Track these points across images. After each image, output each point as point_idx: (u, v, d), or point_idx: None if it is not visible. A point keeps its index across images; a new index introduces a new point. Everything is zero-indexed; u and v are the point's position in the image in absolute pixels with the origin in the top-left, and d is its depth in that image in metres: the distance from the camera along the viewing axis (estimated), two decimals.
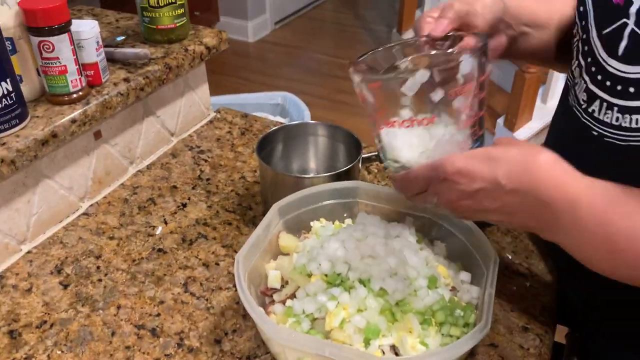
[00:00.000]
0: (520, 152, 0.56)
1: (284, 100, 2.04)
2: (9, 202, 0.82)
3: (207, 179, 1.02)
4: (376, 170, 1.05)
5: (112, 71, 0.95)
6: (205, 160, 1.07)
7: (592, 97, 0.65)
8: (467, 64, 0.56)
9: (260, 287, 0.73)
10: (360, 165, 0.90)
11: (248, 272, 0.69)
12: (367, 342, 0.61)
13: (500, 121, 2.76)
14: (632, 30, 0.59)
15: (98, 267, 0.83)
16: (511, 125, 2.68)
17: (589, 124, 0.65)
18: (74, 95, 0.86)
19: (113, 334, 0.73)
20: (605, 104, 0.63)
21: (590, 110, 0.65)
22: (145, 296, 0.78)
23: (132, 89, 0.93)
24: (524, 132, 2.66)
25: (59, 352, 0.70)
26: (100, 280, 0.81)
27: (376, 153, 0.93)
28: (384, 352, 0.61)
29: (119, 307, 0.77)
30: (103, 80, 0.91)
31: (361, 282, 0.65)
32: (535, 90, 2.60)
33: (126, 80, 0.93)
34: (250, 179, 1.02)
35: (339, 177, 0.84)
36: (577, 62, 0.70)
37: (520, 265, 0.84)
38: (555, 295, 0.80)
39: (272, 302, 0.71)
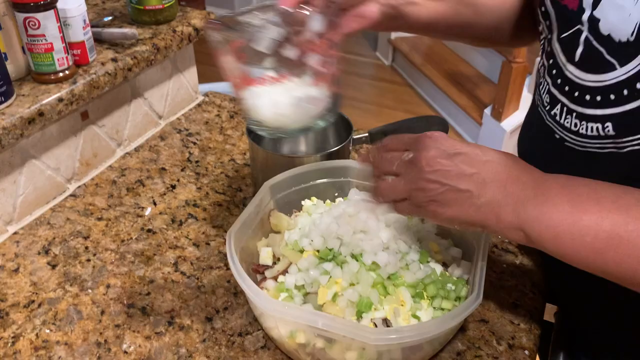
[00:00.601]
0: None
1: None
2: None
3: (196, 161, 1.01)
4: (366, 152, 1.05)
5: (100, 51, 0.94)
6: (194, 143, 1.06)
7: (554, 100, 0.65)
8: (315, 22, 0.57)
9: (252, 264, 0.72)
10: (350, 146, 0.90)
11: (240, 249, 0.68)
12: (359, 315, 0.61)
13: (487, 111, 2.78)
14: (587, 38, 0.59)
15: (86, 248, 0.82)
16: (498, 116, 2.69)
17: (552, 126, 0.65)
18: (61, 74, 0.84)
19: (102, 312, 0.72)
20: (565, 109, 0.63)
21: (552, 113, 0.65)
22: (134, 275, 0.78)
23: (119, 69, 0.92)
24: (511, 121, 2.68)
25: (48, 331, 0.69)
26: (88, 260, 0.80)
27: (367, 135, 0.93)
28: (376, 325, 0.61)
29: (108, 287, 0.76)
30: (90, 60, 0.90)
31: (353, 256, 0.65)
32: (522, 80, 2.61)
33: (114, 60, 0.92)
34: (239, 161, 1.02)
35: (329, 157, 0.84)
36: (541, 61, 0.70)
37: (509, 244, 0.85)
38: (545, 272, 0.81)
39: (264, 279, 0.70)
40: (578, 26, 0.60)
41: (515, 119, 2.67)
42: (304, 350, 0.62)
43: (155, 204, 0.91)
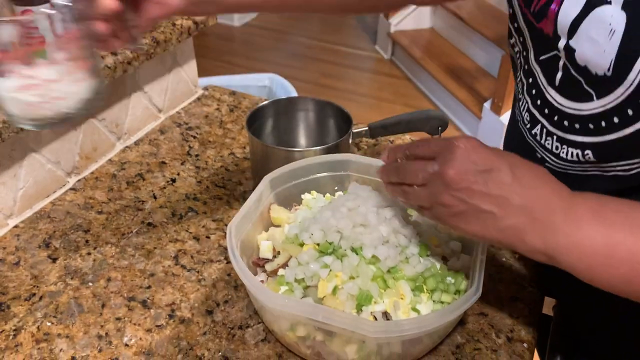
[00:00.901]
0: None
1: (271, 82, 2.03)
2: None
3: (196, 155, 1.01)
4: (366, 147, 1.05)
5: None
6: (194, 137, 1.06)
7: (534, 120, 0.63)
8: (42, 23, 0.57)
9: (252, 258, 0.73)
10: (350, 140, 0.90)
11: (240, 243, 0.69)
12: (359, 309, 0.62)
13: (487, 105, 2.78)
14: (565, 64, 0.57)
15: (87, 241, 0.82)
16: (497, 109, 2.69)
17: (533, 145, 0.64)
18: None
19: (103, 305, 0.73)
20: (545, 130, 0.61)
21: (533, 132, 0.63)
22: (135, 269, 0.78)
23: (119, 62, 0.92)
24: None
25: (49, 324, 0.70)
26: (89, 253, 0.80)
27: (366, 128, 0.93)
28: (376, 318, 0.61)
29: (108, 280, 0.76)
30: None
31: (353, 250, 0.66)
32: None
33: (113, 53, 0.92)
34: (239, 155, 1.02)
35: (329, 150, 0.84)
36: (519, 76, 0.68)
37: None
38: (543, 267, 0.81)
39: (265, 272, 0.70)
40: (555, 52, 0.58)
41: None
42: (304, 343, 0.63)
43: (155, 197, 0.91)
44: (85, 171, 0.96)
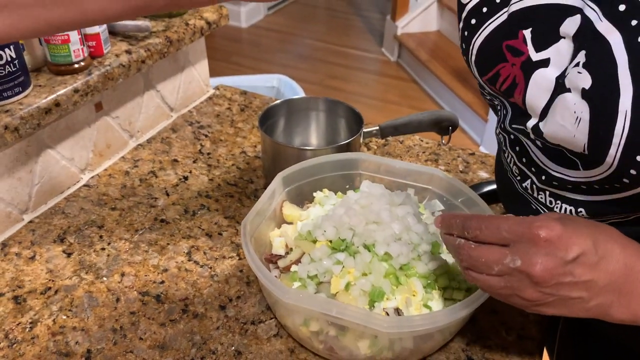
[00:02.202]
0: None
1: (279, 83, 2.04)
2: (12, 170, 0.82)
3: (208, 153, 1.02)
4: (375, 147, 1.06)
5: (114, 43, 0.95)
6: (206, 136, 1.07)
7: (523, 175, 0.62)
8: None
9: (264, 254, 0.73)
10: (361, 139, 0.91)
11: (253, 239, 0.69)
12: (371, 305, 0.63)
13: None
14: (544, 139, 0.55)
15: (101, 237, 0.83)
16: None
17: (526, 196, 0.62)
18: (76, 65, 0.86)
19: (118, 300, 0.73)
20: (535, 186, 0.60)
21: (524, 185, 0.62)
22: (149, 264, 0.79)
23: (133, 60, 0.93)
24: None
25: (64, 317, 0.71)
26: (103, 249, 0.81)
27: (377, 128, 0.94)
28: (388, 314, 0.62)
29: (122, 275, 0.77)
30: (105, 52, 0.91)
31: (366, 247, 0.66)
32: None
33: (128, 52, 0.93)
34: (251, 153, 1.03)
35: (340, 150, 0.85)
36: (498, 128, 0.66)
37: None
38: None
39: (277, 268, 0.71)
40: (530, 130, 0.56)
41: None
42: (317, 338, 0.63)
43: (168, 194, 0.92)
44: (98, 168, 0.97)
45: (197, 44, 1.13)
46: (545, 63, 0.52)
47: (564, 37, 0.51)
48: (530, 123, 0.56)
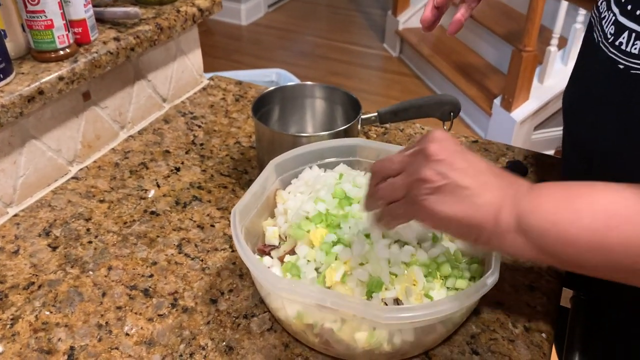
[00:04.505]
0: None
1: (278, 77, 2.01)
2: None
3: (201, 144, 0.99)
4: (375, 136, 1.02)
5: (102, 31, 0.92)
6: (199, 126, 1.04)
7: (620, 30, 0.62)
8: None
9: (257, 244, 0.70)
10: (359, 126, 0.87)
11: (244, 229, 0.66)
12: (369, 295, 0.59)
13: (497, 102, 2.74)
14: None
15: (88, 230, 0.80)
16: (508, 106, 2.66)
17: (615, 57, 0.62)
18: (61, 52, 0.82)
19: (104, 294, 0.70)
20: (633, 35, 0.60)
21: (617, 43, 0.62)
22: (137, 257, 0.75)
23: (122, 48, 0.90)
24: (521, 111, 2.64)
25: (48, 313, 0.67)
26: (90, 242, 0.78)
27: (375, 114, 0.90)
28: (387, 305, 0.58)
29: (109, 269, 0.74)
30: (92, 39, 0.88)
31: (366, 236, 0.63)
32: (532, 69, 2.57)
33: (116, 39, 0.90)
34: (245, 144, 0.99)
35: (337, 136, 0.81)
36: None
37: None
38: None
39: (271, 259, 0.68)
40: None
41: (525, 109, 2.63)
42: (312, 331, 0.60)
43: (158, 186, 0.88)
44: (87, 160, 0.94)
45: (190, 33, 1.10)
46: None
47: None
48: None
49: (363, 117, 0.88)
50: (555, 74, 2.65)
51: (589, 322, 0.78)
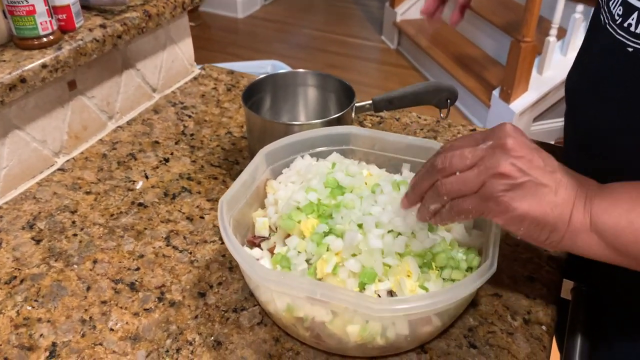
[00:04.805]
0: None
1: (274, 68, 1.98)
2: None
3: (191, 135, 0.96)
4: (370, 125, 1.00)
5: (88, 18, 0.89)
6: (189, 116, 1.01)
7: (628, 10, 0.59)
8: None
9: (247, 236, 0.68)
10: (353, 114, 0.85)
11: (234, 219, 0.64)
12: (362, 287, 0.57)
13: (495, 93, 2.71)
14: None
15: (73, 222, 0.77)
16: (507, 97, 2.63)
17: (624, 39, 0.60)
18: (44, 39, 0.80)
19: (88, 288, 0.68)
20: None
21: (625, 24, 0.60)
22: (123, 250, 0.73)
23: (108, 35, 0.87)
24: (520, 103, 2.62)
25: (30, 308, 0.65)
26: (75, 235, 0.75)
27: (370, 102, 0.88)
28: (380, 297, 0.56)
29: (95, 262, 0.71)
30: (77, 26, 0.85)
31: (358, 226, 0.60)
32: (531, 60, 2.55)
33: (102, 26, 0.87)
34: (237, 134, 0.97)
35: (330, 124, 0.79)
36: None
37: None
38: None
39: (261, 251, 0.65)
40: None
41: (524, 101, 2.60)
42: (302, 325, 0.57)
43: (147, 177, 0.86)
44: (74, 151, 0.91)
45: (180, 22, 1.07)
46: None
47: None
48: None
49: (357, 104, 0.86)
50: (555, 65, 2.62)
51: (590, 314, 0.76)
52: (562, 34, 2.63)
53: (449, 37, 3.36)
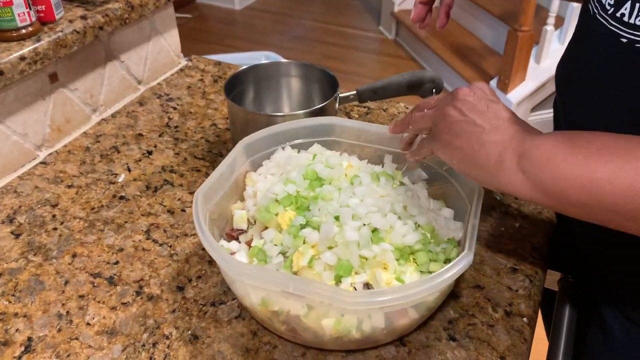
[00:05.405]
0: None
1: (268, 59, 1.97)
2: None
3: (176, 127, 0.95)
4: (357, 116, 0.99)
5: (68, 9, 0.88)
6: (174, 108, 1.00)
7: (620, 0, 0.58)
8: None
9: (225, 229, 0.67)
10: (337, 105, 0.84)
11: (213, 212, 0.63)
12: (338, 280, 0.56)
13: (493, 83, 2.69)
14: None
15: (54, 216, 0.77)
16: (504, 87, 2.61)
17: (617, 30, 0.58)
18: (23, 31, 0.79)
19: (66, 283, 0.67)
20: (637, 5, 0.56)
21: (618, 14, 0.58)
22: (103, 244, 0.72)
23: (89, 27, 0.86)
24: (518, 93, 2.59)
25: (6, 303, 0.64)
26: (55, 229, 0.75)
27: (354, 92, 0.87)
28: (356, 289, 0.55)
29: (74, 256, 0.71)
30: (57, 17, 0.84)
31: (335, 218, 0.59)
32: (529, 50, 2.52)
33: (83, 17, 0.86)
34: (221, 126, 0.96)
35: (313, 115, 0.78)
36: None
37: (509, 207, 0.79)
38: (548, 235, 0.75)
39: (239, 244, 0.65)
40: None
41: (521, 90, 2.58)
42: (278, 318, 0.57)
43: (129, 170, 0.85)
44: (57, 144, 0.90)
45: (165, 12, 1.06)
46: None
47: None
48: None
49: (341, 95, 0.85)
50: (552, 54, 2.60)
51: (576, 305, 0.75)
52: (559, 22, 2.61)
53: (447, 27, 3.31)
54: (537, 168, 0.50)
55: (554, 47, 2.59)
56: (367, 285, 0.56)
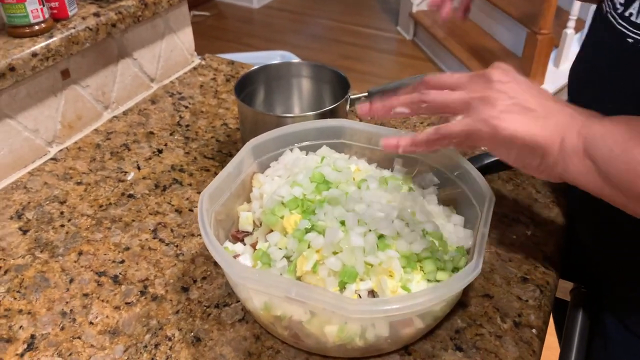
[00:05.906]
0: None
1: (283, 59, 1.96)
2: None
3: (187, 126, 0.95)
4: (369, 117, 0.97)
5: (82, 6, 0.88)
6: (186, 107, 1.00)
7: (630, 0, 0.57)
8: None
9: (231, 230, 0.66)
10: (348, 106, 0.82)
11: (219, 213, 0.62)
12: (342, 287, 0.55)
13: None
14: None
15: (62, 213, 0.77)
16: None
17: (625, 30, 0.57)
18: (36, 27, 0.79)
19: (71, 281, 0.67)
20: None
21: (627, 14, 0.57)
22: (109, 242, 0.72)
23: (102, 24, 0.86)
24: None
25: (11, 299, 0.64)
26: (62, 225, 0.75)
27: (365, 94, 0.86)
28: (360, 297, 0.54)
29: (80, 254, 0.70)
30: (70, 14, 0.84)
31: (341, 222, 0.58)
32: (548, 53, 2.49)
33: (96, 15, 0.86)
34: (232, 125, 0.95)
35: (323, 117, 0.77)
36: None
37: (521, 214, 0.77)
38: (560, 244, 0.73)
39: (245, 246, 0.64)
40: None
41: None
42: (280, 323, 0.56)
43: (139, 168, 0.85)
44: (68, 141, 0.90)
45: (179, 10, 1.06)
46: None
47: None
48: None
49: (352, 96, 0.83)
50: (572, 58, 2.55)
51: (589, 315, 0.73)
52: (580, 25, 2.57)
53: (465, 28, 3.30)
54: (609, 159, 0.46)
55: (574, 50, 2.56)
56: (372, 292, 0.55)
